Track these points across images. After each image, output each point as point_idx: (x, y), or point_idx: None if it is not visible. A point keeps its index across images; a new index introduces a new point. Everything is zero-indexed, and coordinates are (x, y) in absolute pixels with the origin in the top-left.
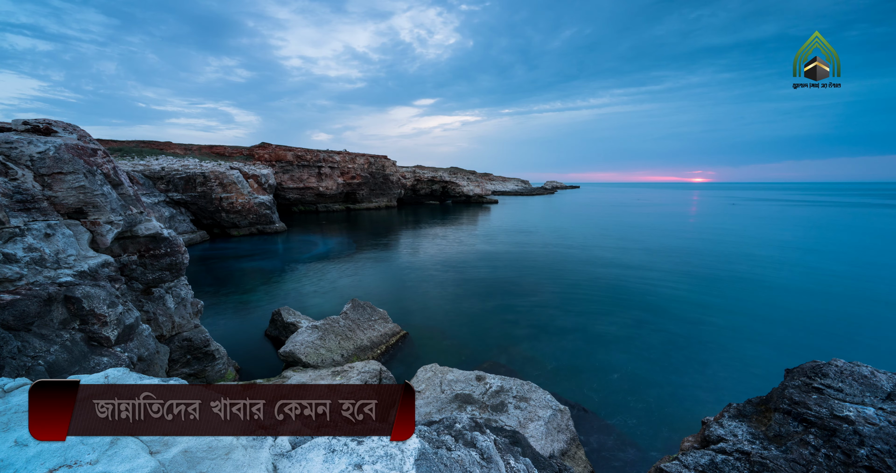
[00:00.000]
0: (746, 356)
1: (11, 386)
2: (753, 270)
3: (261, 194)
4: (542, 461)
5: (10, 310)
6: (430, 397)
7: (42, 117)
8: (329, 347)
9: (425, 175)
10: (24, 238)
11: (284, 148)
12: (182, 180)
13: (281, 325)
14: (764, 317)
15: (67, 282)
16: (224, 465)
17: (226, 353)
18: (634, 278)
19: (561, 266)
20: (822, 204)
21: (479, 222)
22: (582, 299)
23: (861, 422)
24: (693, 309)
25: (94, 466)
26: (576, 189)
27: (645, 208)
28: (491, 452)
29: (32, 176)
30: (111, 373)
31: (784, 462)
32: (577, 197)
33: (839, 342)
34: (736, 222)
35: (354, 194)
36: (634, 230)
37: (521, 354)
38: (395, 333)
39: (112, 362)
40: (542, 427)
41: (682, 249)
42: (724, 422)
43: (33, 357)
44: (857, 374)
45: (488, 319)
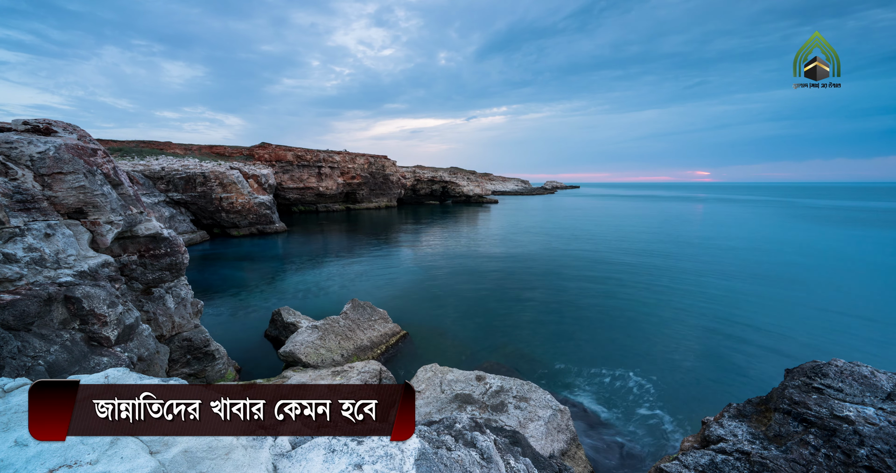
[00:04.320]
0: (746, 355)
1: (11, 386)
2: (755, 270)
3: (261, 194)
4: (542, 461)
5: (10, 310)
6: (430, 397)
7: (42, 117)
8: (329, 347)
9: (425, 175)
10: (24, 238)
11: (284, 148)
12: (182, 179)
13: (281, 325)
14: (764, 317)
15: (67, 282)
16: (224, 465)
17: (226, 353)
18: (635, 278)
19: (561, 267)
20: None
21: (479, 222)
22: (582, 299)
23: (861, 422)
24: (693, 310)
25: (94, 466)
26: (576, 189)
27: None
28: (491, 452)
29: (32, 176)
30: (111, 373)
31: (784, 462)
32: (577, 201)
33: (839, 342)
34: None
35: (354, 194)
36: (642, 234)
37: (521, 354)
38: (395, 333)
39: (112, 362)
40: (542, 427)
41: (684, 249)
42: (724, 422)
43: (33, 357)
44: (857, 374)
45: (488, 319)
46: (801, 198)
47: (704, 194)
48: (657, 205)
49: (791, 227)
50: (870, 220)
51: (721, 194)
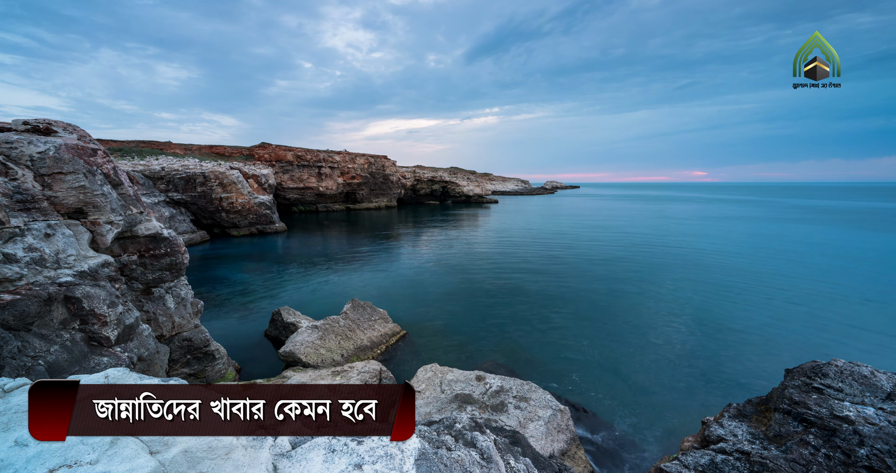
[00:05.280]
0: (746, 356)
1: (11, 386)
2: (754, 271)
3: (261, 194)
4: (542, 461)
5: (10, 310)
6: (430, 397)
7: (42, 117)
8: (329, 347)
9: (425, 175)
10: (24, 238)
11: (284, 148)
12: (182, 179)
13: (281, 325)
14: (764, 316)
15: (67, 282)
16: (224, 465)
17: (226, 353)
18: (635, 279)
19: (561, 267)
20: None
21: (479, 222)
22: (582, 299)
23: (861, 422)
24: (692, 310)
25: (94, 466)
26: (576, 189)
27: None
28: (491, 452)
29: (32, 176)
30: (111, 373)
31: (784, 462)
32: (578, 201)
33: (839, 342)
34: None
35: (354, 194)
36: (638, 233)
37: (521, 354)
38: (394, 333)
39: (112, 362)
40: (542, 427)
41: (685, 250)
42: (724, 422)
43: (33, 357)
44: (857, 374)
45: (489, 319)
46: (799, 198)
47: (708, 194)
48: (658, 206)
49: (790, 227)
50: (870, 220)
51: (724, 195)
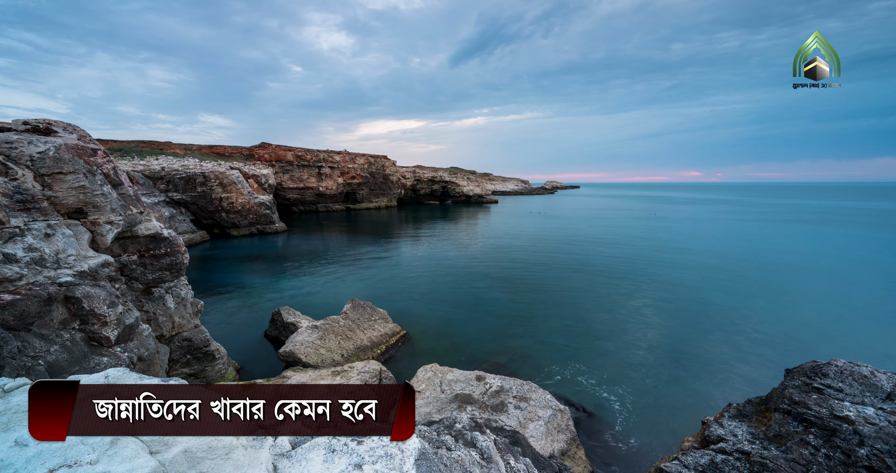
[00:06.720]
0: (746, 356)
1: (11, 386)
2: (754, 271)
3: (261, 193)
4: (542, 461)
5: (10, 310)
6: (430, 397)
7: (42, 117)
8: (329, 347)
9: (425, 175)
10: (24, 238)
11: (284, 148)
12: (182, 179)
13: (281, 325)
14: (764, 316)
15: (67, 282)
16: (224, 465)
17: (226, 353)
18: (635, 279)
19: (560, 267)
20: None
21: (479, 222)
22: (582, 299)
23: (861, 422)
24: (693, 310)
25: (94, 466)
26: (576, 189)
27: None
28: (491, 452)
29: (32, 176)
30: (111, 373)
31: (784, 462)
32: (579, 202)
33: (839, 342)
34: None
35: (354, 194)
36: (645, 237)
37: (521, 354)
38: (395, 333)
39: (112, 362)
40: (542, 426)
41: (686, 253)
42: (724, 422)
43: (33, 357)
44: (857, 374)
45: (489, 319)
46: (799, 198)
47: (713, 195)
48: (656, 206)
49: (790, 227)
50: (870, 220)
51: (724, 195)
